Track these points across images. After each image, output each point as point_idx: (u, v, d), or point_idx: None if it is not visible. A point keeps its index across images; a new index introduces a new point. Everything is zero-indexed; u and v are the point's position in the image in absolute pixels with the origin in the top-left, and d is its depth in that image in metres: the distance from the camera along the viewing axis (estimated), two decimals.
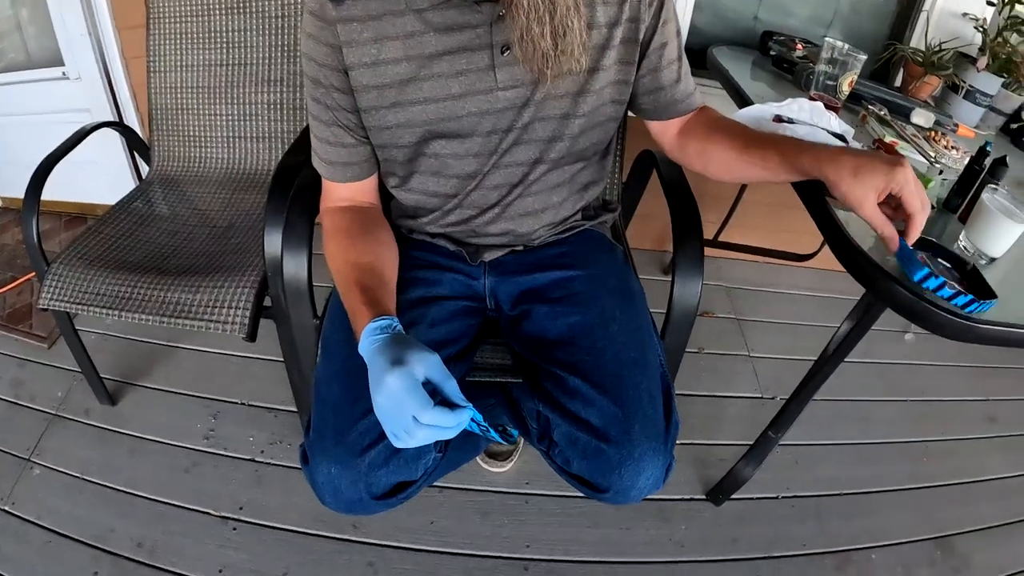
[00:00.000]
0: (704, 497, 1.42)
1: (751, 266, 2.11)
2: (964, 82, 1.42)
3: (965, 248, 0.93)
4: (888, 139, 1.18)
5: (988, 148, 0.98)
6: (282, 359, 1.43)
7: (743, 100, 1.31)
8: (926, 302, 0.82)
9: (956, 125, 1.38)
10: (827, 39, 1.21)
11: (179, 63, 1.29)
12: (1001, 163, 0.96)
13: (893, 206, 0.76)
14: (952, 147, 1.24)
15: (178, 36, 1.28)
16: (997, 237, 0.89)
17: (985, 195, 0.89)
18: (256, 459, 1.28)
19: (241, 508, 1.20)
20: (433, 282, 0.91)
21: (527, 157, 0.83)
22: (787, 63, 1.46)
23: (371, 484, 0.73)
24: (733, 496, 1.40)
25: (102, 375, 1.30)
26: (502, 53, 0.75)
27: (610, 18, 0.78)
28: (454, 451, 0.85)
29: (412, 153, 0.83)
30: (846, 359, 1.10)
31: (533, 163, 0.84)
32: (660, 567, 1.27)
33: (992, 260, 0.92)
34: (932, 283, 0.81)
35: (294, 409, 1.36)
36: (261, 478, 1.25)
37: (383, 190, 0.92)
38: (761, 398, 1.70)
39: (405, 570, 1.16)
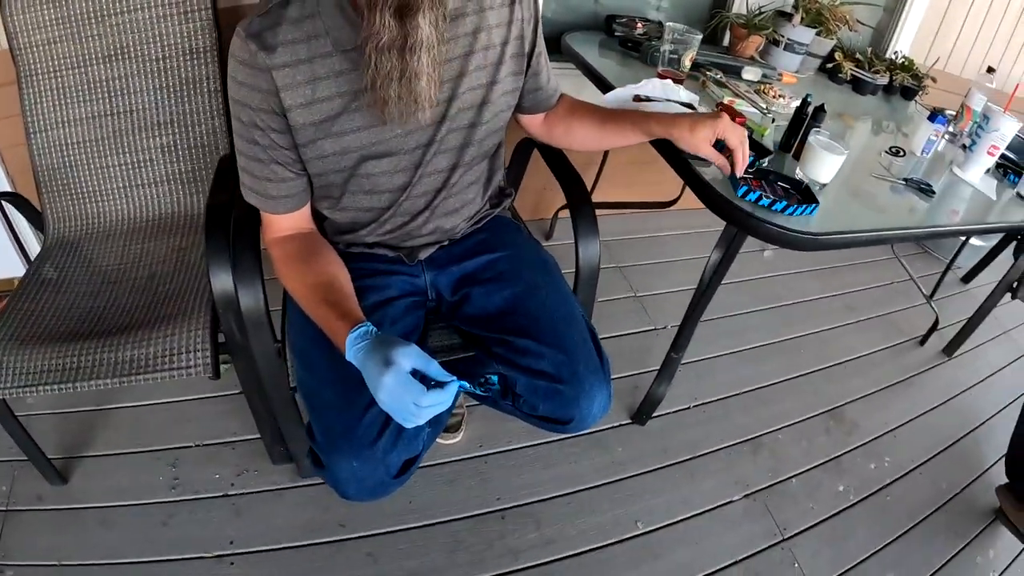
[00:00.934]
0: (630, 421, 1.66)
1: (620, 218, 2.39)
2: (783, 36, 1.72)
3: (802, 179, 1.18)
4: (726, 99, 1.43)
5: (809, 99, 1.24)
6: (217, 394, 1.48)
7: (600, 81, 1.50)
8: (776, 226, 1.07)
9: (780, 74, 1.67)
10: (668, 24, 1.43)
11: (61, 119, 1.25)
12: (820, 109, 1.22)
13: (719, 148, 1.03)
14: (779, 96, 1.51)
15: (55, 91, 1.23)
16: (824, 168, 1.16)
17: (811, 137, 1.15)
18: (228, 493, 1.31)
19: (232, 542, 1.24)
20: (383, 287, 1.02)
21: (446, 164, 0.96)
22: (631, 42, 1.67)
23: (388, 466, 0.85)
24: (654, 415, 1.65)
25: None
26: None
27: (502, 38, 0.92)
28: (434, 425, 0.98)
29: (348, 175, 0.92)
30: (702, 275, 1.36)
31: (451, 168, 0.97)
32: (611, 486, 1.49)
33: (823, 186, 1.19)
34: (750, 195, 1.09)
35: (250, 437, 1.40)
36: (240, 509, 1.29)
37: (315, 212, 1.01)
38: (654, 329, 1.96)
39: (401, 550, 1.27)
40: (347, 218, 1.01)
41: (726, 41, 1.91)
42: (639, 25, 1.71)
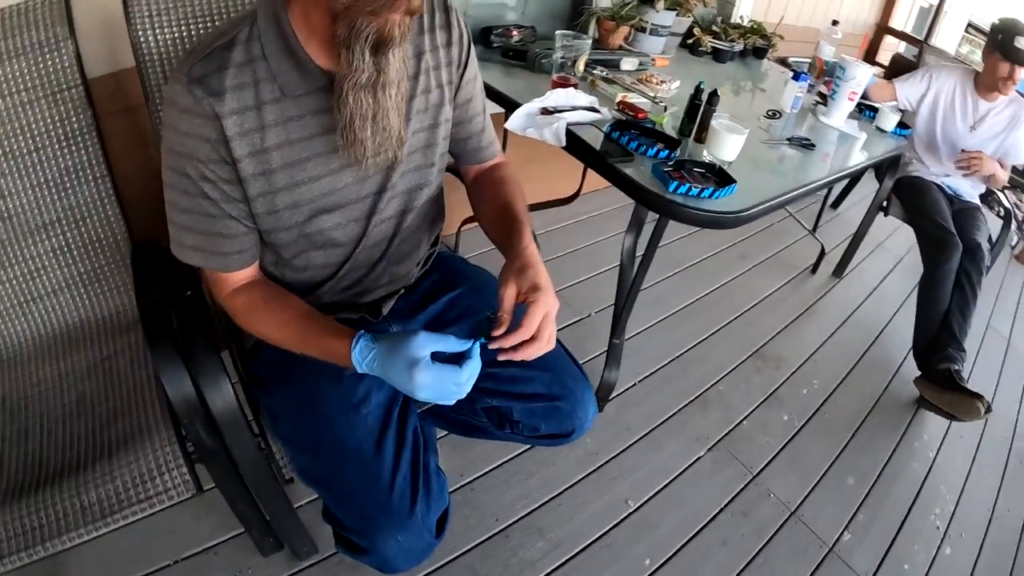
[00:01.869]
0: None
1: None
2: (648, 23, 1.85)
3: (712, 160, 1.30)
4: (620, 96, 1.52)
5: (702, 86, 1.35)
6: (179, 499, 1.37)
7: (496, 96, 1.49)
8: (705, 211, 1.18)
9: (653, 59, 1.80)
10: (557, 32, 1.49)
11: None
12: (714, 94, 1.34)
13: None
14: (661, 81, 1.63)
15: None
16: (729, 148, 1.29)
17: (714, 122, 1.27)
18: None
19: None
20: None
21: (397, 209, 0.96)
22: (513, 51, 1.70)
23: (430, 528, 0.87)
24: (608, 399, 1.75)
25: None
26: None
27: (441, 81, 0.93)
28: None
29: (298, 233, 0.89)
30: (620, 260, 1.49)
31: (402, 213, 0.97)
32: (592, 476, 1.58)
33: (730, 163, 1.31)
34: (679, 188, 1.19)
35: (230, 536, 1.32)
36: None
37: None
38: (580, 320, 2.06)
39: None
40: (303, 278, 0.97)
41: (591, 33, 2.00)
42: (515, 33, 1.75)
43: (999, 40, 2.10)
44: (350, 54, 0.71)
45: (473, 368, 0.78)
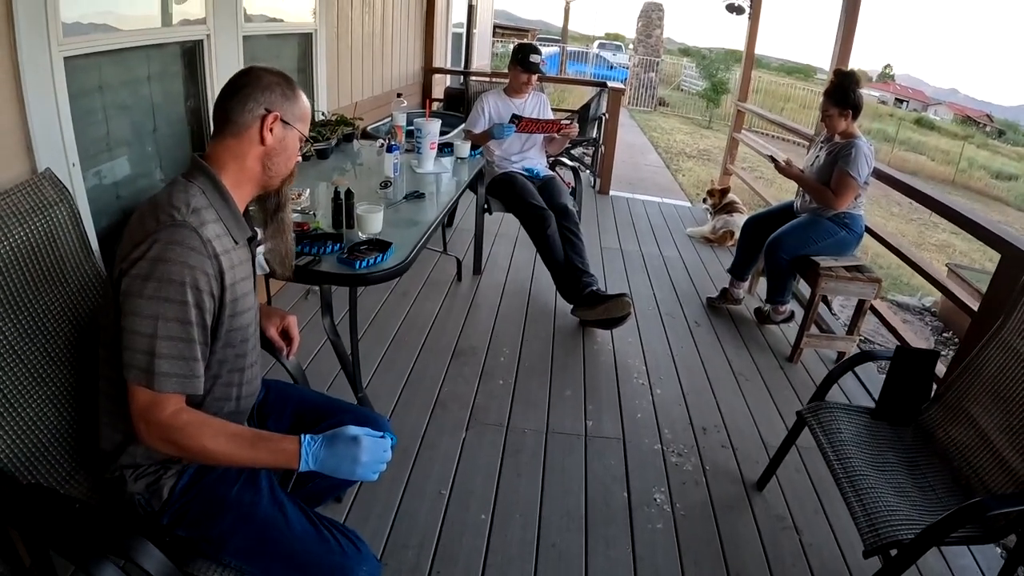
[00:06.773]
0: None
1: None
2: None
3: (369, 236, 2.06)
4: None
5: (339, 190, 2.10)
6: None
7: None
8: (384, 271, 1.87)
9: None
10: None
11: None
12: (349, 192, 2.08)
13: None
14: (299, 195, 2.26)
15: None
16: (374, 224, 2.01)
17: (358, 210, 2.01)
18: None
19: None
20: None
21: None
22: None
23: (371, 553, 1.26)
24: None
25: None
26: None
27: None
28: None
29: (236, 353, 1.23)
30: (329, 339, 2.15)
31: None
32: (407, 490, 2.11)
33: (379, 232, 2.08)
34: (361, 264, 1.85)
35: None
36: None
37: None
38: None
39: None
40: (229, 392, 1.26)
41: None
42: None
43: (519, 57, 3.43)
44: (268, 215, 1.31)
45: (389, 443, 1.14)
